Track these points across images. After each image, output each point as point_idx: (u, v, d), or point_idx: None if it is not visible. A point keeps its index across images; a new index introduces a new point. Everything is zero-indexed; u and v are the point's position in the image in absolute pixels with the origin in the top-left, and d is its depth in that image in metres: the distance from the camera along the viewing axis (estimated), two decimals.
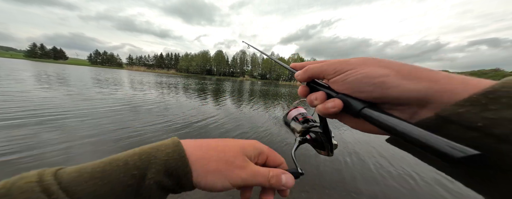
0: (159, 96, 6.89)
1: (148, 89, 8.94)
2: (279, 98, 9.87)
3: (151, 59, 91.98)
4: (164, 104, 5.43)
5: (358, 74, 0.19)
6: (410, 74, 0.16)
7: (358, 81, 0.19)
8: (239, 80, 42.87)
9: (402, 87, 0.16)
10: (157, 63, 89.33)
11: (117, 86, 8.73)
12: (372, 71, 0.18)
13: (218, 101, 6.93)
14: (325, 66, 0.22)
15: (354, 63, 0.20)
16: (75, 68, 27.93)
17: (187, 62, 78.95)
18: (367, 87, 0.18)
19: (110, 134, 2.67)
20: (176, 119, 3.86)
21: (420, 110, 0.16)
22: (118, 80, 12.20)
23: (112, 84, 9.69)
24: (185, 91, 9.07)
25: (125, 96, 6.13)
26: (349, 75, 0.19)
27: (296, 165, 0.24)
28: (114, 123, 3.17)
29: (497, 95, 0.12)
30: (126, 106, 4.59)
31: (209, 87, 12.98)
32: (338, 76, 0.20)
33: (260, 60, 75.78)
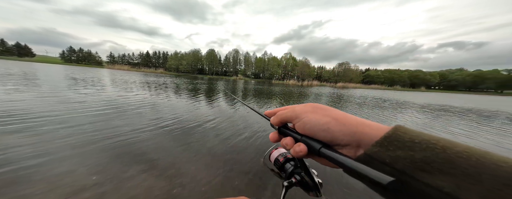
0: (149, 96, 6.01)
1: (135, 89, 7.73)
2: (275, 97, 9.21)
3: (136, 58, 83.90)
4: (154, 105, 4.70)
5: (310, 122, 0.23)
6: (344, 122, 0.21)
7: (312, 127, 0.23)
8: (232, 80, 40.16)
9: (342, 132, 0.21)
10: (143, 62, 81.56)
11: (98, 86, 7.47)
12: (319, 119, 0.23)
13: (213, 101, 6.17)
14: (289, 113, 0.26)
15: (307, 111, 0.24)
16: (46, 67, 24.45)
17: (177, 61, 71.76)
18: (321, 132, 0.22)
19: (97, 145, 2.11)
20: (170, 121, 3.31)
21: (357, 149, 0.20)
22: (98, 80, 10.57)
23: (92, 84, 8.30)
24: (178, 91, 8.00)
25: (110, 97, 5.23)
26: (305, 122, 0.24)
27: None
28: (101, 130, 2.58)
29: (390, 139, 0.18)
30: (112, 109, 3.87)
31: (202, 87, 11.75)
32: (299, 122, 0.25)
33: (253, 59, 74.80)
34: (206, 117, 3.82)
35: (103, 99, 4.88)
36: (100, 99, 4.84)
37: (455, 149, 0.15)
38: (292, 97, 9.95)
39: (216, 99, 6.76)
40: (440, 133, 3.77)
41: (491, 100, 20.39)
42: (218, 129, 3.10)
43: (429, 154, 0.15)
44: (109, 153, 1.93)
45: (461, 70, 73.28)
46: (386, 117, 5.40)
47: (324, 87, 38.77)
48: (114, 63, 74.00)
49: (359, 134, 0.20)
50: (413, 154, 0.15)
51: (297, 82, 49.14)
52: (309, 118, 0.24)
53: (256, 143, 2.55)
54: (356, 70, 69.10)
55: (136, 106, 4.31)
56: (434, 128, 4.20)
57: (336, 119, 0.22)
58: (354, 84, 59.69)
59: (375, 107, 7.69)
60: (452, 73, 73.09)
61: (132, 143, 2.21)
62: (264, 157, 0.33)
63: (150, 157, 1.91)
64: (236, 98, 0.40)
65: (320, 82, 63.10)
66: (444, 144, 0.15)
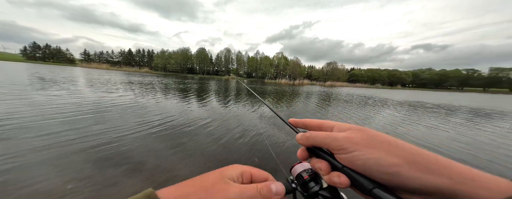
0: (135, 98, 5.43)
1: (118, 90, 6.90)
2: (269, 95, 9.32)
3: (116, 55, 76.55)
4: (142, 107, 4.29)
5: (366, 159, 0.17)
6: (427, 167, 0.15)
7: (369, 167, 0.17)
8: (224, 79, 38.13)
9: (421, 181, 0.15)
10: (125, 60, 74.16)
11: (72, 88, 6.56)
12: (381, 158, 0.16)
13: (206, 102, 5.79)
14: (329, 140, 0.20)
15: (359, 142, 0.18)
16: (3, 64, 21.74)
17: (164, 60, 66.01)
18: (381, 175, 0.16)
19: (74, 153, 1.83)
20: (159, 122, 3.06)
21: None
22: (72, 80, 9.31)
23: (65, 85, 7.23)
24: (167, 92, 7.27)
25: (88, 99, 4.65)
26: (356, 157, 0.18)
27: None
28: (79, 136, 2.24)
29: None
30: (92, 113, 3.41)
31: (193, 87, 11.17)
32: (344, 155, 0.19)
33: (246, 58, 73.83)
34: (199, 119, 3.53)
35: (79, 102, 4.27)
36: (75, 102, 4.23)
37: None
38: (285, 95, 9.92)
39: (211, 99, 6.32)
40: (417, 126, 4.01)
41: (452, 95, 22.93)
42: (211, 129, 2.88)
43: None
44: (87, 160, 1.73)
45: (429, 69, 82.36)
46: (373, 114, 5.60)
47: (314, 86, 39.67)
48: (90, 61, 66.05)
49: (459, 189, 0.14)
50: None
51: (289, 81, 49.86)
52: (363, 155, 0.17)
53: (251, 142, 2.44)
54: (342, 70, 72.76)
55: (120, 109, 3.81)
56: (413, 122, 4.48)
57: (411, 162, 0.16)
58: (340, 83, 62.63)
59: (361, 104, 8.00)
60: (422, 72, 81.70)
61: (115, 149, 1.98)
62: (289, 170, 0.27)
63: (136, 160, 1.74)
64: (260, 99, 0.44)
65: (311, 81, 64.96)
66: None
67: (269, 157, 2.01)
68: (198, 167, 1.77)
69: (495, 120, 5.18)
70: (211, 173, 0.22)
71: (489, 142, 3.12)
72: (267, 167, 1.81)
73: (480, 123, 4.83)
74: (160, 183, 1.46)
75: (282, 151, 2.26)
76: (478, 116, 5.93)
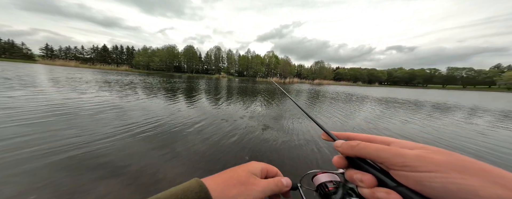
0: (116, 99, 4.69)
1: (92, 90, 5.92)
2: (264, 93, 9.25)
3: (88, 52, 67.35)
4: (118, 109, 3.76)
5: (455, 184, 0.13)
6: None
7: (452, 194, 0.13)
8: (215, 78, 36.45)
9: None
10: (99, 57, 65.57)
11: (31, 87, 5.55)
12: (482, 187, 0.12)
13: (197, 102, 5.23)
14: (386, 154, 0.17)
15: (442, 164, 0.14)
16: None
17: (147, 57, 59.04)
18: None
19: (37, 161, 1.56)
20: (144, 123, 2.83)
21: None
22: (32, 79, 7.83)
23: (23, 84, 6.08)
24: (151, 93, 6.41)
25: (54, 101, 3.99)
26: (433, 179, 0.14)
27: None
28: (43, 143, 1.92)
29: None
30: (59, 116, 2.95)
31: (182, 86, 10.33)
32: (409, 173, 0.15)
33: (237, 57, 72.12)
34: (188, 119, 3.27)
35: (44, 103, 3.69)
36: (39, 104, 3.64)
37: None
38: (276, 93, 10.10)
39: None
40: (395, 120, 4.33)
41: (418, 91, 25.43)
42: (199, 129, 2.75)
43: None
44: (55, 165, 1.54)
45: (401, 69, 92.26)
46: (357, 109, 5.94)
47: (303, 84, 40.08)
48: (53, 58, 56.55)
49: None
50: None
51: (280, 80, 50.75)
52: (448, 179, 0.14)
53: (243, 140, 2.41)
54: (329, 68, 76.71)
55: (94, 111, 3.38)
56: (392, 116, 4.85)
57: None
58: (327, 81, 65.68)
59: (346, 100, 8.58)
60: (395, 71, 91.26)
61: (91, 154, 1.77)
62: (304, 176, 0.26)
63: (116, 164, 1.60)
64: (296, 104, 0.37)
65: (300, 80, 67.17)
66: None
67: (261, 156, 1.99)
68: (188, 167, 1.64)
69: (450, 112, 6.18)
70: (239, 169, 0.25)
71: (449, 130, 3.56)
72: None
73: (439, 115, 5.54)
74: (149, 186, 1.34)
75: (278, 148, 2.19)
76: (439, 109, 7.01)
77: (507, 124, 4.66)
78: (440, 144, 2.68)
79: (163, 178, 1.49)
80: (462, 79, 78.42)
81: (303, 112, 0.32)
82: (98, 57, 62.79)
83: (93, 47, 64.02)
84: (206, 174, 0.19)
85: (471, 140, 2.96)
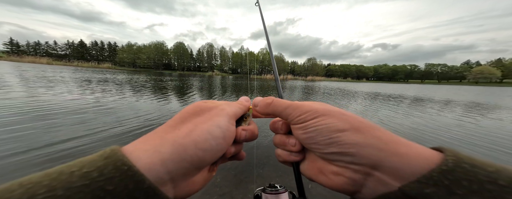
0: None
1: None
2: (259, 91, 9.20)
3: (62, 48, 59.94)
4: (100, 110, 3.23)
5: (320, 125, 0.17)
6: (367, 132, 0.16)
7: (317, 134, 0.17)
8: (207, 76, 34.87)
9: (357, 147, 0.15)
10: (76, 54, 58.90)
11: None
12: (332, 123, 0.17)
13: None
14: (290, 110, 0.20)
15: (318, 110, 0.18)
16: None
17: (132, 54, 53.92)
18: (325, 141, 0.17)
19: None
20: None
21: (368, 175, 0.15)
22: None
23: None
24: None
25: (26, 103, 3.33)
26: (310, 125, 0.18)
27: None
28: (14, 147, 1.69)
29: (456, 176, 0.12)
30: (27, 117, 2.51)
31: (171, 84, 9.56)
32: (300, 124, 0.19)
33: (230, 53, 69.61)
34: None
35: (14, 104, 3.13)
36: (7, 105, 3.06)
37: None
38: (270, 89, 10.04)
39: None
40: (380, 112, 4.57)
41: (400, 86, 27.20)
42: None
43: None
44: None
45: (385, 65, 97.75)
46: (348, 103, 6.23)
47: (297, 80, 40.95)
48: (21, 54, 49.33)
49: (385, 154, 0.14)
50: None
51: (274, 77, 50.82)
52: (318, 121, 0.17)
53: None
54: (320, 65, 78.30)
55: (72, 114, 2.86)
56: (379, 109, 5.17)
57: (356, 128, 0.16)
58: (319, 77, 67.15)
59: (339, 95, 8.98)
60: (380, 67, 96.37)
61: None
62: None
63: None
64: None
65: (294, 76, 67.70)
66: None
67: (261, 156, 1.85)
68: None
69: (425, 105, 6.72)
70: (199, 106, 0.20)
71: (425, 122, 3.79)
72: (255, 161, 1.75)
73: (418, 107, 6.00)
74: None
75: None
76: (417, 102, 7.71)
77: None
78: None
79: None
80: (438, 74, 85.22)
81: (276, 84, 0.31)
82: (74, 53, 56.33)
83: (68, 43, 57.17)
84: None
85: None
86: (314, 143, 0.17)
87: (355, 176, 0.15)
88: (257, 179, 1.46)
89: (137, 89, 6.56)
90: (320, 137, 0.17)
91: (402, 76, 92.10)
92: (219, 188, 1.32)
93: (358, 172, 0.15)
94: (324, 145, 0.17)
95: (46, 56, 51.83)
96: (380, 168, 0.14)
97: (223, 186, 1.34)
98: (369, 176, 0.15)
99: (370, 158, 0.14)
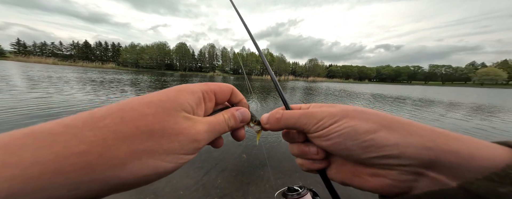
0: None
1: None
2: (258, 91, 9.07)
3: (67, 48, 61.18)
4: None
5: (343, 129, 0.15)
6: (405, 129, 0.14)
7: (345, 138, 0.15)
8: (209, 76, 36.20)
9: (399, 146, 0.13)
10: (81, 54, 59.82)
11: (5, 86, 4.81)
12: (357, 125, 0.15)
13: None
14: (304, 119, 0.17)
15: (336, 114, 0.16)
16: None
17: (135, 55, 54.30)
18: (358, 144, 0.15)
19: None
20: None
21: (420, 176, 0.13)
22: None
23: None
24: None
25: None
26: (332, 130, 0.16)
27: None
28: None
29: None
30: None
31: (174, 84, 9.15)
32: (320, 131, 0.17)
33: (231, 54, 69.87)
34: None
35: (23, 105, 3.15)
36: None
37: None
38: (271, 90, 9.82)
39: None
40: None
41: (404, 87, 27.02)
42: None
43: None
44: None
45: (388, 66, 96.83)
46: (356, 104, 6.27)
47: (298, 81, 40.70)
48: (28, 55, 50.62)
49: (436, 151, 0.13)
50: None
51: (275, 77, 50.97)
52: (340, 125, 0.16)
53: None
54: (322, 66, 78.09)
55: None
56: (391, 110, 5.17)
57: (388, 126, 0.14)
58: (321, 78, 66.98)
59: (344, 96, 8.79)
60: (383, 68, 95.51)
61: None
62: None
63: None
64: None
65: (295, 77, 67.66)
66: None
67: (261, 154, 1.88)
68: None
69: (429, 106, 6.75)
70: (144, 101, 0.13)
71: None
72: (256, 161, 1.73)
73: (422, 108, 6.11)
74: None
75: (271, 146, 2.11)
76: (421, 103, 7.69)
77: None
78: None
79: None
80: (442, 76, 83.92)
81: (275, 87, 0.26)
82: (79, 53, 57.43)
83: (73, 43, 58.33)
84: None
85: None
86: (344, 149, 0.15)
87: (403, 178, 0.14)
88: (257, 180, 1.44)
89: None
90: (350, 141, 0.15)
91: (405, 77, 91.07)
92: (220, 190, 1.31)
93: (407, 173, 0.14)
94: (359, 150, 0.15)
95: (52, 56, 52.96)
96: (435, 167, 0.13)
97: (223, 188, 1.33)
98: (422, 176, 0.13)
99: (420, 158, 0.13)
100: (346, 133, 0.15)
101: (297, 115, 0.18)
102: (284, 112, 0.19)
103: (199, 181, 1.40)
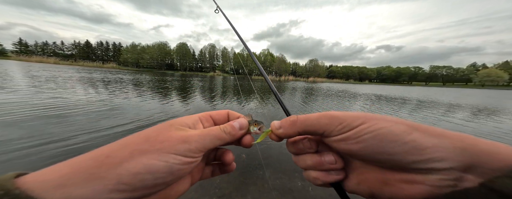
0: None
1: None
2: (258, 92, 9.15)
3: (69, 48, 61.50)
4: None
5: (378, 129, 0.14)
6: (435, 132, 0.13)
7: (381, 139, 0.14)
8: (209, 76, 34.97)
9: (436, 147, 0.13)
10: (82, 54, 59.03)
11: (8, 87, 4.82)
12: (393, 126, 0.14)
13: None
14: (325, 120, 0.16)
15: (362, 116, 0.15)
16: None
17: (136, 54, 54.58)
18: (396, 145, 0.13)
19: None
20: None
21: (461, 177, 0.13)
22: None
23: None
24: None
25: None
26: (363, 131, 0.15)
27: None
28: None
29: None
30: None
31: (174, 85, 9.62)
32: (345, 134, 0.15)
33: (232, 54, 70.30)
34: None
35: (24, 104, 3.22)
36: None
37: None
38: (270, 90, 10.16)
39: None
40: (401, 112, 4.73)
41: (405, 88, 26.99)
42: None
43: None
44: None
45: (389, 67, 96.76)
46: (358, 106, 6.24)
47: (298, 81, 40.53)
48: (29, 54, 50.86)
49: (471, 153, 0.12)
50: None
51: (275, 78, 50.95)
52: (372, 126, 0.14)
53: None
54: (322, 66, 78.13)
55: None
56: (388, 112, 5.22)
57: (417, 128, 0.14)
58: (321, 79, 67.03)
59: (346, 97, 8.76)
60: (383, 69, 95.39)
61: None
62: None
63: None
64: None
65: (295, 77, 67.64)
66: None
67: (258, 153, 1.90)
68: None
69: (428, 107, 6.79)
70: (153, 127, 0.16)
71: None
72: (255, 162, 1.74)
73: (422, 109, 6.19)
74: None
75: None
76: (421, 104, 7.74)
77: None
78: None
79: None
80: (443, 77, 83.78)
81: (273, 93, 0.25)
82: (80, 53, 57.61)
83: (74, 43, 58.52)
84: None
85: None
86: (382, 152, 0.14)
87: (444, 183, 0.13)
88: (257, 181, 1.44)
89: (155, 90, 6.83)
90: (389, 143, 0.14)
91: (406, 78, 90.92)
92: (219, 189, 1.30)
93: (448, 178, 0.13)
94: (402, 153, 0.13)
95: (53, 56, 53.15)
96: (473, 169, 0.12)
97: (222, 188, 1.32)
98: (461, 181, 0.12)
99: (462, 161, 0.12)
100: (381, 134, 0.14)
101: (315, 116, 0.17)
102: (299, 116, 0.18)
103: (198, 181, 1.47)
